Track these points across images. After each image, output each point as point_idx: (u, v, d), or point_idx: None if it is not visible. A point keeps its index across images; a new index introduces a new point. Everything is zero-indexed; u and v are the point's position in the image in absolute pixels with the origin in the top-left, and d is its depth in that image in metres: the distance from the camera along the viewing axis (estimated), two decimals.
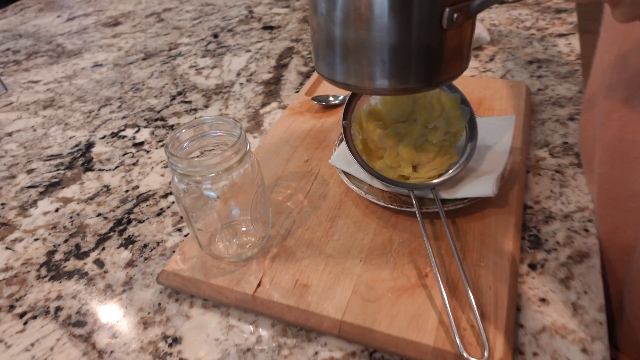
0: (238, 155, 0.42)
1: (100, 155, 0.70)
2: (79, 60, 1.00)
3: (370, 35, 0.34)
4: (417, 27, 0.34)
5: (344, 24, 0.35)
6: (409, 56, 0.35)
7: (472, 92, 0.68)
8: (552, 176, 0.56)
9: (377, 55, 0.35)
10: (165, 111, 0.79)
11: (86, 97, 0.86)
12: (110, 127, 0.76)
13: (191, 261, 0.48)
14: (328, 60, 0.38)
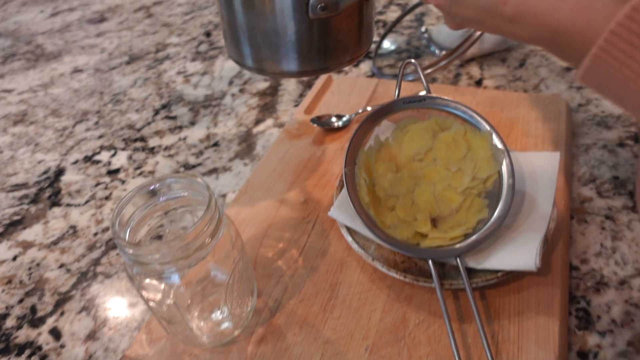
0: (206, 233, 0.32)
1: (69, 185, 0.61)
2: (58, 64, 0.90)
3: (250, 21, 0.38)
4: (282, 15, 0.37)
5: (227, 9, 0.39)
6: (282, 42, 0.38)
7: (501, 111, 0.57)
8: (601, 224, 0.46)
9: (257, 39, 0.39)
10: (147, 129, 0.69)
11: (61, 111, 0.77)
12: (85, 148, 0.67)
13: (159, 344, 0.39)
14: (228, 41, 0.42)
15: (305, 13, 0.36)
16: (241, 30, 0.39)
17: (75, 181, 0.62)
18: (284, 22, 0.37)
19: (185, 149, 0.64)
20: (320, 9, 0.36)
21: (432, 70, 0.64)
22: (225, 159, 0.61)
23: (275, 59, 0.39)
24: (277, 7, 0.36)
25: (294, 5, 0.36)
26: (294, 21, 0.37)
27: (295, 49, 0.38)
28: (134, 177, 0.61)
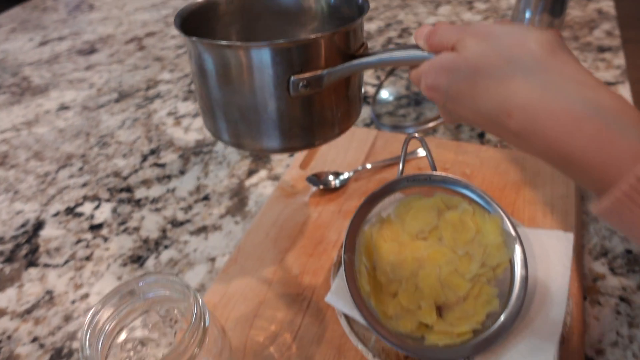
0: (193, 345, 0.29)
1: (49, 241, 0.58)
2: (44, 99, 0.87)
3: (226, 96, 0.36)
4: (260, 93, 0.34)
5: (201, 80, 0.36)
6: (261, 119, 0.36)
7: (506, 174, 0.55)
8: (616, 307, 0.43)
9: (234, 115, 0.36)
10: (134, 177, 0.66)
11: (45, 153, 0.73)
12: (67, 198, 0.64)
13: None
14: (202, 111, 0.40)
15: (286, 90, 0.33)
16: (216, 104, 0.36)
17: (55, 237, 0.58)
18: (263, 99, 0.34)
19: (173, 202, 0.61)
20: (303, 86, 0.33)
21: (434, 124, 0.61)
22: (215, 216, 0.58)
23: (255, 136, 0.36)
24: (255, 84, 0.34)
25: (273, 83, 0.33)
26: (274, 99, 0.34)
27: (277, 127, 0.35)
28: (117, 234, 0.57)
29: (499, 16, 0.94)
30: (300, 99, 0.34)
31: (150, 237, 0.57)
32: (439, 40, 0.30)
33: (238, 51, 0.33)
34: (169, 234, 0.57)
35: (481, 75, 0.27)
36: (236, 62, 0.33)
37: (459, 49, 0.29)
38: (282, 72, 0.33)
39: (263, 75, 0.33)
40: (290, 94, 0.33)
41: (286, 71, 0.33)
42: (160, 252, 0.55)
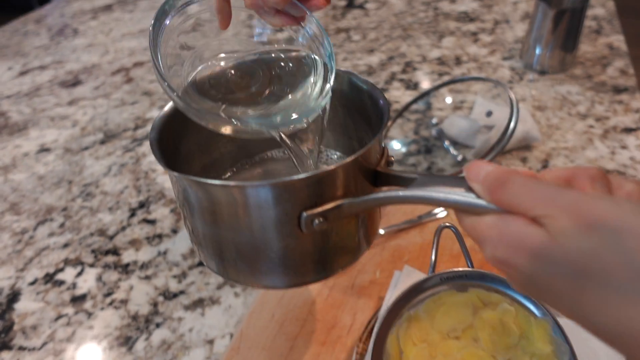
0: None
1: (24, 317, 0.51)
2: (23, 139, 0.80)
3: (219, 233, 0.30)
4: (262, 232, 0.29)
5: (189, 212, 0.31)
6: (265, 258, 0.30)
7: None
8: None
9: (231, 253, 0.31)
10: (121, 237, 0.60)
11: (22, 205, 0.67)
12: (46, 262, 0.57)
13: None
14: (193, 244, 0.35)
15: (296, 227, 0.28)
16: (210, 240, 0.31)
17: (32, 311, 0.52)
18: (265, 239, 0.29)
19: (165, 268, 0.55)
20: (319, 223, 0.28)
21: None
22: (212, 286, 0.52)
23: (257, 275, 0.31)
24: (256, 223, 0.28)
25: (279, 221, 0.28)
26: (280, 237, 0.28)
27: (283, 265, 0.30)
28: (102, 308, 0.51)
29: (505, 50, 0.90)
30: (313, 234, 0.29)
31: (140, 312, 0.51)
32: (511, 200, 0.23)
33: (235, 191, 0.28)
34: (161, 308, 0.51)
35: (594, 282, 0.20)
36: (232, 201, 0.28)
37: (549, 227, 0.21)
38: (291, 209, 0.28)
39: (266, 213, 0.28)
40: (301, 231, 0.28)
41: (296, 207, 0.28)
42: (152, 331, 0.49)
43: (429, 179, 0.27)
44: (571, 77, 0.80)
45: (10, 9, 2.33)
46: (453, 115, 0.71)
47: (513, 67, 0.85)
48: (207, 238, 0.31)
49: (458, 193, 0.25)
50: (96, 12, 1.29)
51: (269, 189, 0.27)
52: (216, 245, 0.31)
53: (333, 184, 0.28)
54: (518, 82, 0.81)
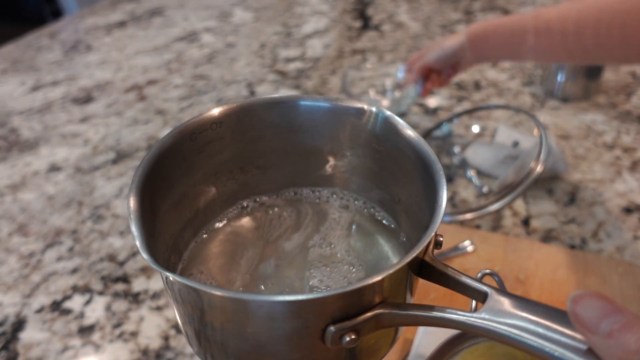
0: None
1: (30, 348, 0.49)
2: (34, 157, 0.79)
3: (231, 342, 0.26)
4: (276, 343, 0.24)
5: (189, 318, 0.26)
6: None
7: (566, 281, 0.47)
8: None
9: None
10: (132, 264, 0.58)
11: (31, 227, 0.65)
12: (53, 289, 0.55)
13: None
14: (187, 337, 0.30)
15: (318, 340, 0.23)
16: (213, 346, 0.27)
17: (37, 342, 0.50)
18: (275, 350, 0.24)
19: None
20: (350, 340, 0.23)
21: (474, 215, 0.54)
22: None
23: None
24: (262, 335, 0.24)
25: (297, 334, 0.23)
26: (295, 350, 0.24)
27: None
28: (111, 341, 0.49)
29: (525, 76, 0.88)
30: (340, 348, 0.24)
31: (150, 346, 0.48)
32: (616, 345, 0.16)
33: (250, 305, 0.23)
34: (172, 342, 0.48)
35: None
36: (242, 311, 0.24)
37: None
38: (314, 322, 0.23)
39: (281, 325, 0.23)
40: (324, 344, 0.23)
41: (321, 321, 0.23)
42: None
43: (511, 301, 0.21)
44: (595, 105, 0.78)
45: (23, 21, 2.35)
46: (476, 143, 0.69)
47: (534, 94, 0.83)
48: (211, 344, 0.27)
49: (562, 343, 0.19)
50: (110, 28, 1.29)
51: (291, 305, 0.22)
52: (222, 354, 0.27)
53: (371, 293, 0.23)
54: (539, 109, 0.79)
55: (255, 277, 0.33)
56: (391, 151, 0.33)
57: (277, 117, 0.35)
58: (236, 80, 0.97)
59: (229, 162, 0.35)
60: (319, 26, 1.17)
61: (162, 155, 0.30)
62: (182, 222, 0.34)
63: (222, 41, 1.14)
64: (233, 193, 0.37)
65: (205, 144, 0.33)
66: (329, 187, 0.39)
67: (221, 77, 0.98)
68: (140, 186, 0.29)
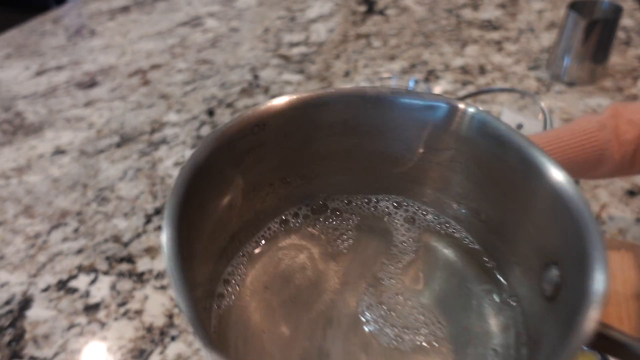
0: None
1: (36, 326, 0.50)
2: (39, 140, 0.79)
3: None
4: None
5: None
6: None
7: None
8: None
9: None
10: (136, 244, 0.58)
11: (36, 208, 0.65)
12: (59, 268, 0.56)
13: None
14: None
15: None
16: None
17: (44, 319, 0.50)
18: None
19: None
20: None
21: None
22: None
23: None
24: None
25: None
26: None
27: None
28: (116, 319, 0.50)
29: (531, 60, 0.87)
30: None
31: (155, 324, 0.49)
32: None
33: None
34: (177, 320, 0.49)
35: None
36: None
37: None
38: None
39: None
40: None
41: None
42: (167, 344, 0.47)
43: None
44: (601, 89, 0.77)
45: (27, 7, 2.35)
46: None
47: (539, 78, 0.82)
48: None
49: None
50: (113, 13, 1.28)
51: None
52: None
53: None
54: (545, 93, 0.78)
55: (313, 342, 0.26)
56: (485, 160, 0.27)
57: (330, 116, 0.29)
58: (240, 65, 0.97)
59: (269, 172, 0.30)
60: (323, 11, 1.16)
61: (196, 174, 0.25)
62: (215, 255, 0.29)
63: (226, 26, 1.14)
64: (272, 209, 0.32)
65: (245, 152, 0.28)
66: (390, 194, 0.32)
67: (225, 62, 0.98)
68: (175, 221, 0.23)
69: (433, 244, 0.30)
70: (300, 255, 0.30)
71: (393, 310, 0.27)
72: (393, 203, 0.32)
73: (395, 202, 0.32)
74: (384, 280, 0.29)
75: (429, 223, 0.31)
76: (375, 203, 0.32)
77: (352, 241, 0.31)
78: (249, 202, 0.30)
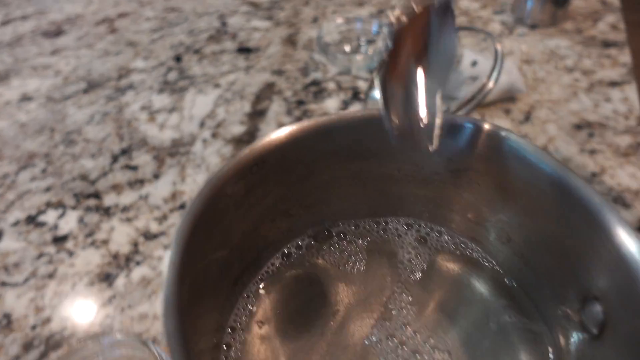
0: None
1: (7, 255, 0.52)
2: (5, 88, 0.79)
3: None
4: None
5: None
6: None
7: None
8: None
9: None
10: (103, 182, 0.60)
11: (4, 151, 0.66)
12: (28, 205, 0.58)
13: None
14: None
15: None
16: None
17: (14, 250, 0.53)
18: None
19: (146, 211, 0.55)
20: None
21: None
22: None
23: None
24: None
25: None
26: None
27: None
28: (83, 248, 0.52)
29: (497, 4, 0.88)
30: None
31: (121, 251, 0.51)
32: None
33: None
34: (141, 248, 0.52)
35: None
36: None
37: None
38: None
39: None
40: None
41: None
42: (132, 269, 0.50)
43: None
44: (561, 31, 0.79)
45: None
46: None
47: (504, 22, 0.84)
48: None
49: None
50: None
51: None
52: None
53: None
54: (507, 36, 0.80)
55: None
56: (508, 182, 0.25)
57: (334, 143, 0.28)
58: (208, 12, 0.96)
59: (271, 209, 0.29)
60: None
61: (195, 225, 0.24)
62: (220, 303, 0.27)
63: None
64: (275, 244, 0.31)
65: (244, 195, 0.27)
66: (397, 216, 0.31)
67: (193, 9, 0.97)
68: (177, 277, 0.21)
69: (448, 266, 0.28)
70: (305, 288, 0.29)
71: (405, 344, 0.26)
72: (403, 224, 0.31)
73: (406, 223, 0.31)
74: (394, 310, 0.27)
75: (442, 244, 0.30)
76: (384, 225, 0.31)
77: (360, 265, 0.30)
78: (251, 242, 0.29)
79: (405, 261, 0.29)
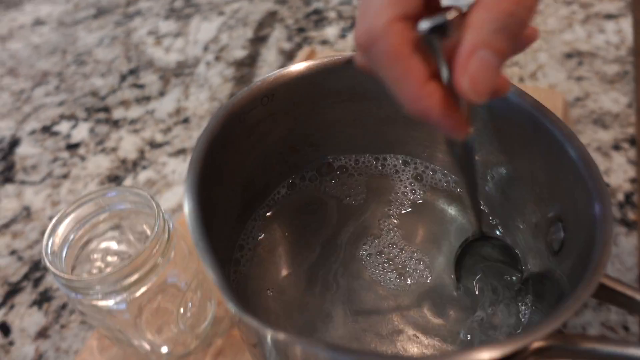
0: (155, 255, 0.29)
1: (25, 159, 0.57)
2: (19, 13, 0.82)
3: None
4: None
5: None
6: None
7: None
8: None
9: None
10: (112, 98, 0.64)
11: (19, 70, 0.70)
12: (43, 117, 0.62)
13: (110, 352, 0.37)
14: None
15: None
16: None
17: (32, 155, 0.57)
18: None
19: (152, 124, 0.59)
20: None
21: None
22: (195, 139, 0.57)
23: None
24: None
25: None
26: None
27: None
28: (94, 154, 0.57)
29: None
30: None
31: (128, 157, 0.56)
32: None
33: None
34: (147, 155, 0.56)
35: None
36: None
37: None
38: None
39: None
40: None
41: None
42: (138, 172, 0.54)
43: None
44: None
45: None
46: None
47: None
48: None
49: None
50: None
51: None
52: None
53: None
54: None
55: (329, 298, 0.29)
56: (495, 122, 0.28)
57: (338, 83, 0.29)
58: None
59: (279, 142, 0.31)
60: None
61: (211, 147, 0.25)
62: (231, 223, 0.30)
63: None
64: (282, 176, 0.34)
65: (255, 124, 0.28)
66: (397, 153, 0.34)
67: None
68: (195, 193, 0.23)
69: (438, 200, 0.32)
70: (308, 214, 0.33)
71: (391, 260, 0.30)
72: (401, 161, 0.33)
73: (403, 160, 0.33)
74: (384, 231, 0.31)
75: (436, 181, 0.33)
76: (383, 161, 0.34)
77: (359, 196, 0.33)
78: (261, 171, 0.31)
79: (400, 194, 0.33)
